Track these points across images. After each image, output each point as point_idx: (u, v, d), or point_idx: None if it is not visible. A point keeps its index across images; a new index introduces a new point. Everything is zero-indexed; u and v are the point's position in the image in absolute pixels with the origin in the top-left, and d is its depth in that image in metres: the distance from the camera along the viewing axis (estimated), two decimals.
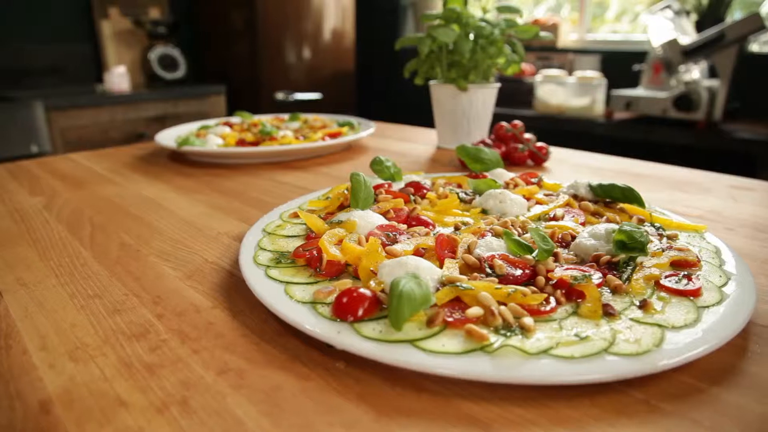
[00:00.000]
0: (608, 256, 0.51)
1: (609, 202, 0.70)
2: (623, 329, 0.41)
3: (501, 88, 3.15)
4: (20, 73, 3.09)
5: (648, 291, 0.47)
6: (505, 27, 1.16)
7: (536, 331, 0.41)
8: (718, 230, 0.73)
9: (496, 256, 0.50)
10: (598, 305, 0.43)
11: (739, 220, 0.77)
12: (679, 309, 0.44)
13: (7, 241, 0.73)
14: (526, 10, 4.02)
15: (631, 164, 1.12)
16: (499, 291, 0.44)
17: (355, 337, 0.42)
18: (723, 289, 0.49)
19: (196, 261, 0.65)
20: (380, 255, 0.51)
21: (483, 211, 0.68)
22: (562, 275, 0.46)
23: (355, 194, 0.65)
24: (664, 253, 0.53)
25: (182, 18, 3.74)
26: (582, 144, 3.13)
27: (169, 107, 3.24)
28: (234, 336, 0.48)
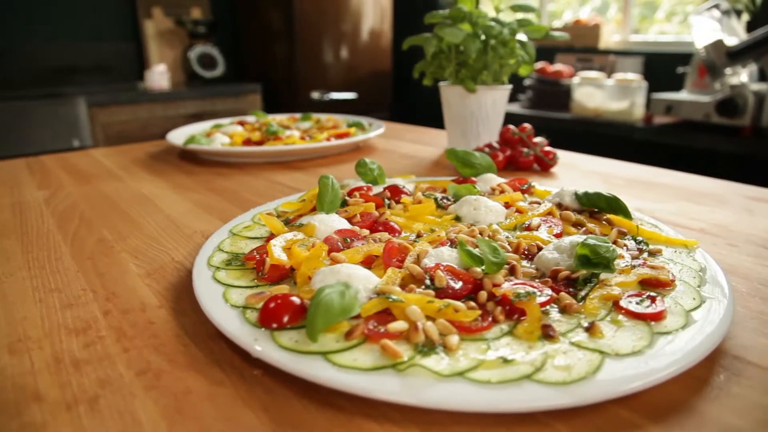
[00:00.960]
0: (568, 271, 0.48)
1: (594, 213, 0.65)
2: (559, 354, 0.38)
3: (537, 90, 3.08)
4: (68, 70, 3.24)
5: (602, 312, 0.43)
6: (516, 27, 1.11)
7: (460, 350, 0.38)
8: (720, 246, 0.67)
9: (441, 267, 0.47)
10: (536, 326, 0.40)
11: (746, 236, 0.71)
12: (632, 334, 0.40)
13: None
14: (572, 11, 3.90)
15: (644, 171, 1.05)
16: (431, 305, 0.41)
17: (272, 345, 0.40)
18: (693, 314, 0.44)
19: (162, 259, 0.65)
20: (320, 261, 0.49)
21: (457, 218, 0.64)
22: (505, 291, 0.43)
23: (321, 197, 0.63)
24: (633, 271, 0.49)
25: (223, 18, 3.83)
26: (619, 149, 3.00)
27: (206, 105, 3.32)
28: (167, 336, 0.48)
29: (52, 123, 2.64)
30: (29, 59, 3.10)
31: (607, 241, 0.49)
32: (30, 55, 3.10)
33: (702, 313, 0.44)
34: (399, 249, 0.52)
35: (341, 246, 0.55)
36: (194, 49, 3.49)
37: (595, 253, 0.47)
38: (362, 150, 1.28)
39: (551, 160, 1.04)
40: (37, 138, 2.60)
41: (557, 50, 3.33)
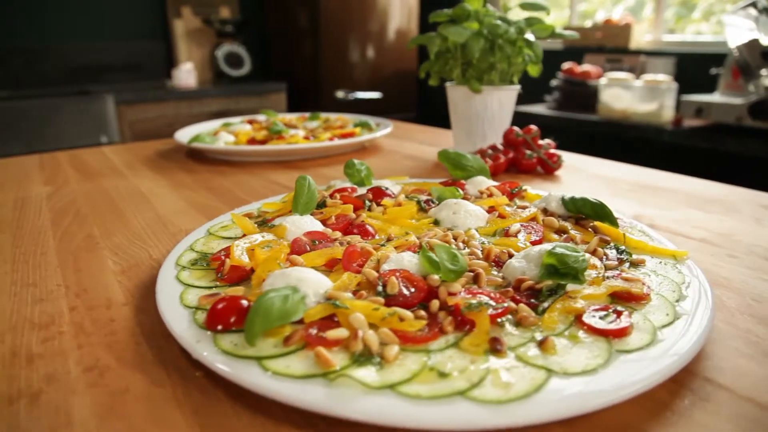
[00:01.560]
0: (532, 281, 0.45)
1: (581, 219, 0.63)
2: (502, 370, 0.36)
3: (564, 91, 3.00)
4: (99, 69, 3.34)
5: (560, 327, 0.41)
6: (524, 25, 1.08)
7: (397, 361, 0.36)
8: (718, 257, 0.63)
9: (396, 273, 0.45)
10: (483, 338, 0.38)
11: (750, 246, 0.67)
12: (589, 351, 0.38)
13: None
14: (605, 11, 3.79)
15: (653, 175, 1.01)
16: (376, 313, 0.40)
17: (212, 347, 0.39)
18: (664, 331, 0.41)
19: (140, 257, 0.65)
20: (276, 264, 0.48)
21: (436, 221, 0.63)
22: (457, 300, 0.41)
23: (296, 198, 0.62)
24: (604, 283, 0.46)
25: (251, 17, 3.88)
26: (647, 152, 2.90)
27: (231, 103, 3.36)
28: (123, 334, 0.48)
29: (82, 120, 2.72)
30: (62, 58, 3.21)
31: (578, 251, 0.46)
32: (63, 53, 3.21)
33: (673, 330, 0.41)
34: (360, 253, 0.50)
35: (308, 248, 0.54)
36: (221, 47, 3.54)
37: (562, 262, 0.45)
38: (368, 150, 1.27)
39: (555, 163, 1.00)
40: (67, 134, 2.68)
41: (586, 50, 3.24)
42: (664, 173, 1.02)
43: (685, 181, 0.97)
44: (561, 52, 3.41)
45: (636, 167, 1.06)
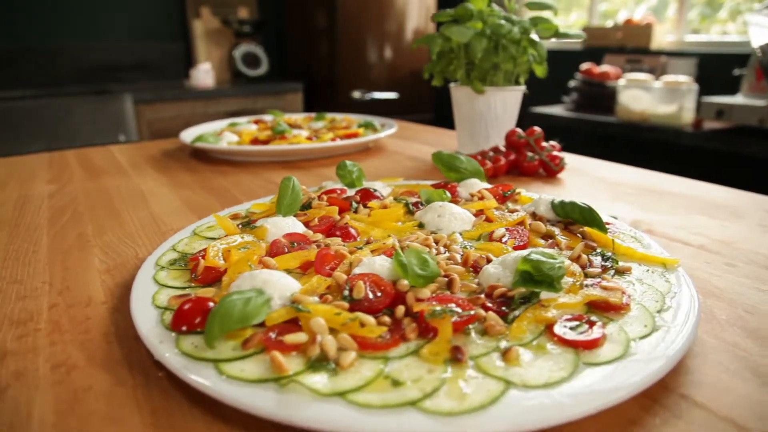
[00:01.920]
0: (505, 288, 0.44)
1: (570, 224, 0.61)
2: (460, 380, 0.35)
3: (582, 92, 2.95)
4: (119, 68, 3.40)
5: (528, 336, 0.39)
6: (529, 25, 1.06)
7: (352, 368, 0.36)
8: (715, 265, 0.61)
9: (366, 277, 0.44)
10: (444, 347, 0.37)
11: (751, 254, 0.64)
12: (554, 363, 0.36)
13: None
14: (627, 11, 3.71)
15: (658, 179, 0.98)
16: (338, 317, 0.39)
17: (173, 348, 0.39)
18: (638, 343, 0.39)
19: (127, 256, 0.66)
20: (247, 266, 0.48)
21: (421, 224, 0.61)
22: (422, 307, 0.40)
23: (279, 200, 0.62)
24: (581, 291, 0.44)
25: (270, 17, 3.91)
26: (665, 155, 2.83)
27: (247, 103, 3.39)
28: (96, 333, 0.48)
29: (100, 118, 2.77)
30: (83, 57, 3.27)
31: (555, 257, 0.45)
32: (84, 53, 3.27)
33: (648, 343, 0.39)
34: (334, 256, 0.50)
35: (286, 250, 0.54)
36: (239, 48, 3.58)
37: (537, 269, 0.43)
38: (371, 150, 1.26)
39: (557, 165, 0.98)
40: (85, 133, 2.73)
41: (606, 51, 3.18)
42: (671, 177, 0.99)
43: (692, 185, 0.94)
44: (580, 52, 3.36)
45: (642, 170, 1.04)
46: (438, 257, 0.51)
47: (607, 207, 0.83)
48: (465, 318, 0.39)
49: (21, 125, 2.61)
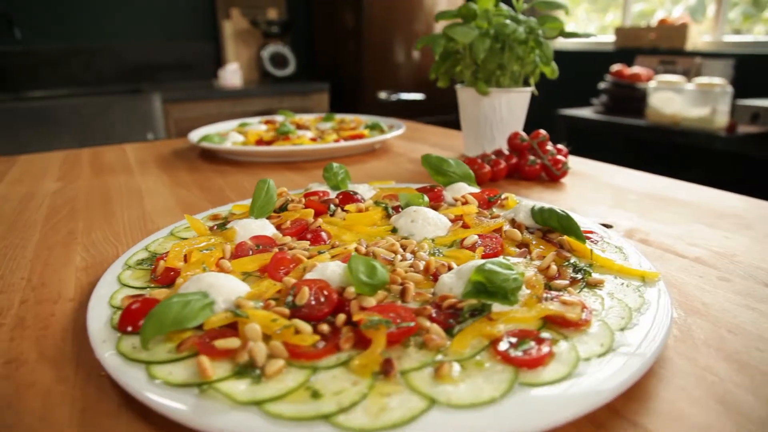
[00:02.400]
0: (455, 299, 0.42)
1: (549, 232, 0.58)
2: (384, 395, 0.33)
3: (611, 94, 2.86)
4: (152, 68, 3.49)
5: (469, 351, 0.37)
6: (535, 25, 1.03)
7: (277, 377, 0.35)
8: (707, 279, 0.57)
9: (314, 283, 0.43)
10: (374, 359, 0.35)
11: (749, 269, 0.60)
12: (487, 383, 0.34)
13: None
14: (664, 11, 3.59)
15: (668, 185, 0.93)
16: (274, 324, 0.38)
17: (112, 349, 0.39)
18: (588, 363, 0.37)
19: (108, 254, 0.67)
20: (200, 268, 0.47)
21: (394, 229, 0.60)
22: (360, 316, 0.39)
23: (253, 202, 0.62)
24: (538, 305, 0.42)
25: (299, 18, 3.95)
26: (697, 160, 2.71)
27: (274, 102, 3.43)
28: (56, 329, 0.48)
29: (131, 117, 2.85)
30: (119, 58, 3.37)
31: (512, 268, 0.43)
32: (120, 53, 3.37)
33: (600, 364, 0.37)
34: (290, 260, 0.49)
35: (251, 253, 0.53)
36: (267, 48, 3.62)
37: (490, 280, 0.41)
38: (377, 152, 1.25)
39: (559, 169, 0.95)
40: (116, 130, 2.81)
41: (638, 52, 3.08)
42: (681, 183, 0.94)
43: (703, 192, 0.89)
44: (612, 53, 3.26)
45: (652, 176, 0.99)
46: (402, 264, 0.50)
47: (606, 213, 0.79)
48: (403, 329, 0.37)
49: (62, 122, 2.70)
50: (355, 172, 1.06)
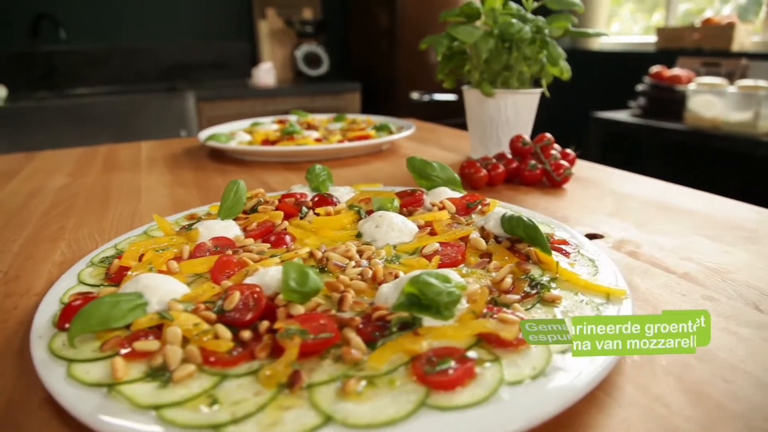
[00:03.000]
0: (386, 311, 0.40)
1: (517, 241, 0.55)
2: (282, 408, 0.32)
3: (650, 96, 2.75)
4: (188, 67, 3.59)
5: (386, 367, 0.36)
6: (542, 23, 0.99)
7: (185, 382, 0.34)
8: (689, 298, 0.54)
9: (247, 288, 0.42)
10: (282, 370, 0.34)
11: (741, 287, 0.56)
12: (394, 402, 0.33)
13: None
14: (713, 10, 3.41)
15: (677, 193, 0.88)
16: (194, 328, 0.38)
17: (44, 347, 0.40)
18: (512, 387, 0.34)
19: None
20: (146, 268, 0.47)
21: (359, 234, 0.59)
22: (280, 325, 0.37)
23: (221, 203, 0.61)
24: (472, 321, 0.40)
25: (334, 18, 3.97)
26: (738, 166, 2.56)
27: (305, 102, 3.46)
28: (13, 323, 0.50)
29: (166, 115, 2.94)
30: (155, 57, 3.48)
31: (449, 280, 0.41)
32: (156, 53, 3.48)
33: (525, 390, 0.34)
34: (236, 263, 0.48)
35: (209, 254, 0.53)
36: (301, 48, 3.66)
37: (423, 293, 0.39)
38: (383, 153, 1.23)
39: (560, 175, 0.91)
40: (151, 128, 2.90)
41: (681, 52, 2.94)
42: (692, 191, 0.88)
43: (714, 201, 0.84)
44: (652, 54, 3.13)
45: (662, 183, 0.94)
46: (352, 271, 0.49)
47: (601, 222, 0.75)
48: (318, 341, 0.36)
49: (101, 119, 2.81)
50: (356, 173, 1.05)
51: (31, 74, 3.07)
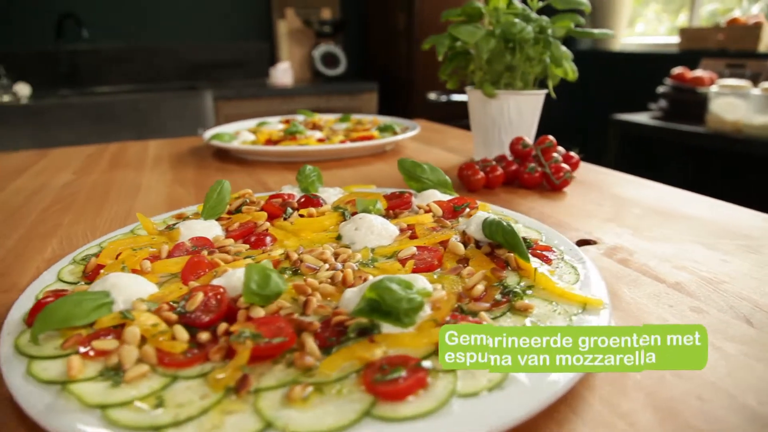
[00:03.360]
0: (346, 316, 0.40)
1: (497, 247, 0.54)
2: (224, 413, 0.32)
3: (671, 99, 2.68)
4: (208, 66, 3.63)
5: (335, 374, 0.35)
6: (545, 23, 0.97)
7: (135, 382, 0.34)
8: (677, 309, 0.52)
9: (211, 289, 0.42)
10: (229, 374, 0.34)
11: (733, 299, 0.53)
12: (340, 411, 0.32)
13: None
14: (741, 10, 3.32)
15: (683, 199, 0.85)
16: (152, 328, 0.38)
17: (11, 343, 0.40)
18: (465, 400, 0.33)
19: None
20: (119, 267, 0.48)
21: (339, 236, 0.58)
22: (235, 328, 0.37)
23: (204, 203, 0.61)
24: (432, 330, 0.39)
25: (353, 18, 3.98)
26: (762, 171, 2.47)
27: (322, 102, 3.47)
28: None
29: (184, 113, 2.98)
30: (175, 56, 3.54)
31: (411, 286, 0.40)
32: (176, 52, 3.53)
33: (480, 403, 0.33)
34: (207, 264, 0.48)
35: (187, 254, 0.53)
36: (318, 47, 3.67)
37: (383, 299, 0.39)
38: (387, 154, 1.23)
39: (559, 178, 0.89)
40: (170, 126, 2.95)
41: (704, 53, 2.86)
42: (698, 197, 0.86)
43: (721, 207, 0.81)
44: (675, 55, 3.05)
45: (667, 188, 0.91)
46: (324, 274, 0.48)
47: (596, 228, 0.73)
48: (271, 345, 0.36)
49: (121, 116, 2.87)
50: (357, 174, 1.04)
51: (54, 73, 3.15)
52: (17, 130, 2.59)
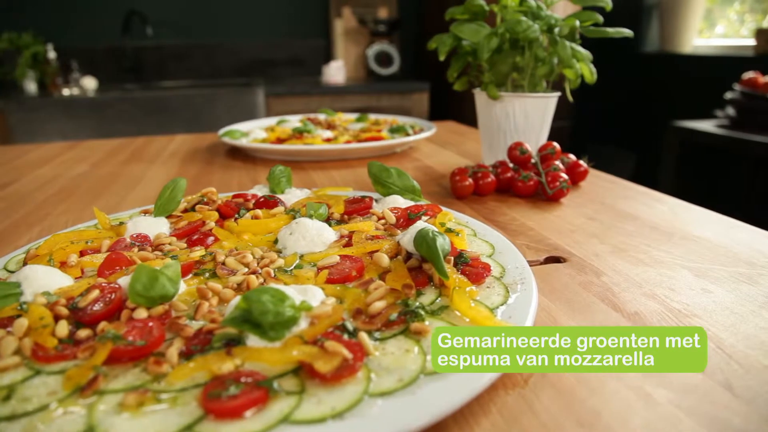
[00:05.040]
0: (217, 324, 0.39)
1: (425, 260, 0.51)
2: (61, 410, 0.32)
3: (740, 106, 2.48)
4: (264, 63, 3.74)
5: (180, 384, 0.34)
6: (554, 22, 0.91)
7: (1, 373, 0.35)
8: None
9: (108, 286, 0.42)
10: (80, 373, 0.34)
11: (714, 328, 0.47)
12: (162, 423, 0.31)
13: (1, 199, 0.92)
14: None
15: (692, 218, 0.77)
16: (39, 321, 0.39)
17: None
18: (296, 428, 0.31)
19: None
20: (46, 261, 0.49)
21: (277, 240, 0.57)
22: (107, 326, 0.37)
23: (157, 200, 0.62)
24: (296, 347, 0.37)
25: (410, 18, 3.96)
26: None
27: (372, 101, 3.47)
28: None
29: (236, 109, 3.08)
30: (234, 53, 3.67)
31: (286, 299, 0.38)
32: (235, 49, 3.66)
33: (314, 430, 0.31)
34: (125, 261, 0.48)
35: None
36: (373, 46, 3.68)
37: (251, 311, 0.37)
38: (398, 155, 1.20)
39: (553, 188, 0.83)
40: (221, 120, 3.04)
41: None
42: (717, 216, 0.77)
43: (733, 228, 0.72)
44: (749, 59, 2.80)
45: (686, 205, 0.82)
46: (234, 278, 0.47)
47: (575, 244, 0.68)
48: (129, 348, 0.35)
49: (177, 110, 3.02)
50: (357, 175, 1.03)
51: (119, 67, 3.35)
52: (82, 120, 2.77)
